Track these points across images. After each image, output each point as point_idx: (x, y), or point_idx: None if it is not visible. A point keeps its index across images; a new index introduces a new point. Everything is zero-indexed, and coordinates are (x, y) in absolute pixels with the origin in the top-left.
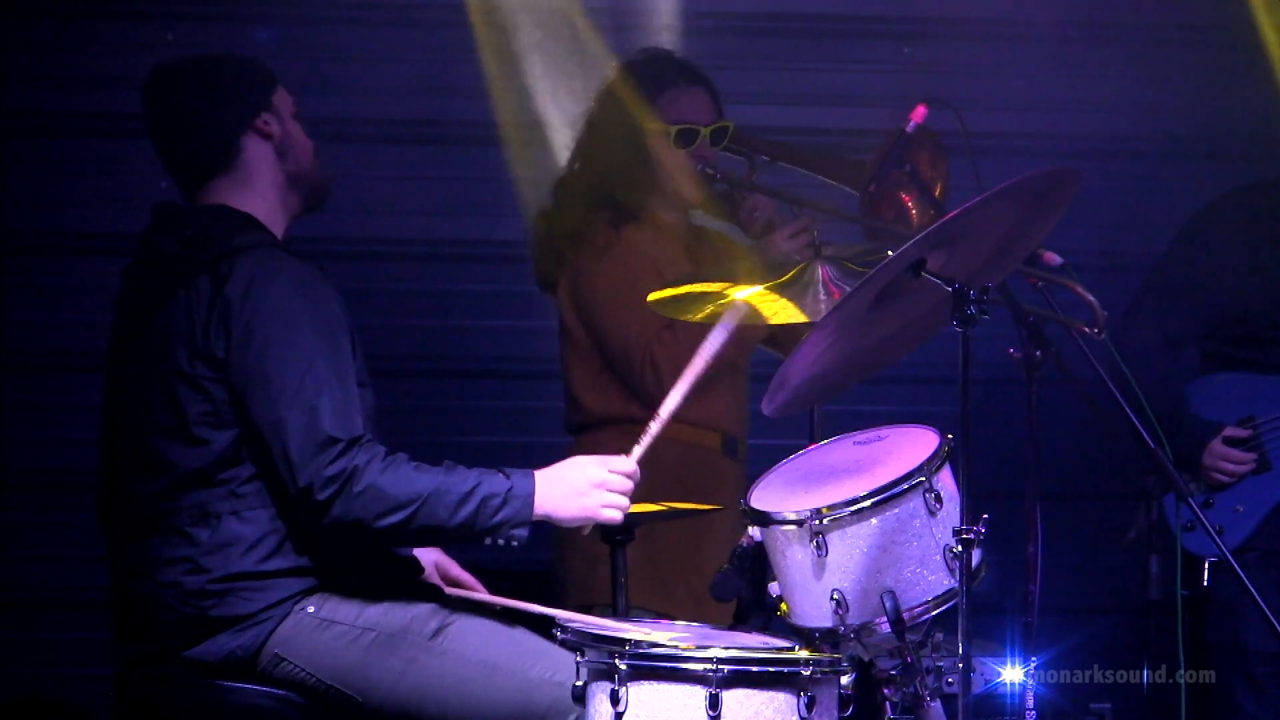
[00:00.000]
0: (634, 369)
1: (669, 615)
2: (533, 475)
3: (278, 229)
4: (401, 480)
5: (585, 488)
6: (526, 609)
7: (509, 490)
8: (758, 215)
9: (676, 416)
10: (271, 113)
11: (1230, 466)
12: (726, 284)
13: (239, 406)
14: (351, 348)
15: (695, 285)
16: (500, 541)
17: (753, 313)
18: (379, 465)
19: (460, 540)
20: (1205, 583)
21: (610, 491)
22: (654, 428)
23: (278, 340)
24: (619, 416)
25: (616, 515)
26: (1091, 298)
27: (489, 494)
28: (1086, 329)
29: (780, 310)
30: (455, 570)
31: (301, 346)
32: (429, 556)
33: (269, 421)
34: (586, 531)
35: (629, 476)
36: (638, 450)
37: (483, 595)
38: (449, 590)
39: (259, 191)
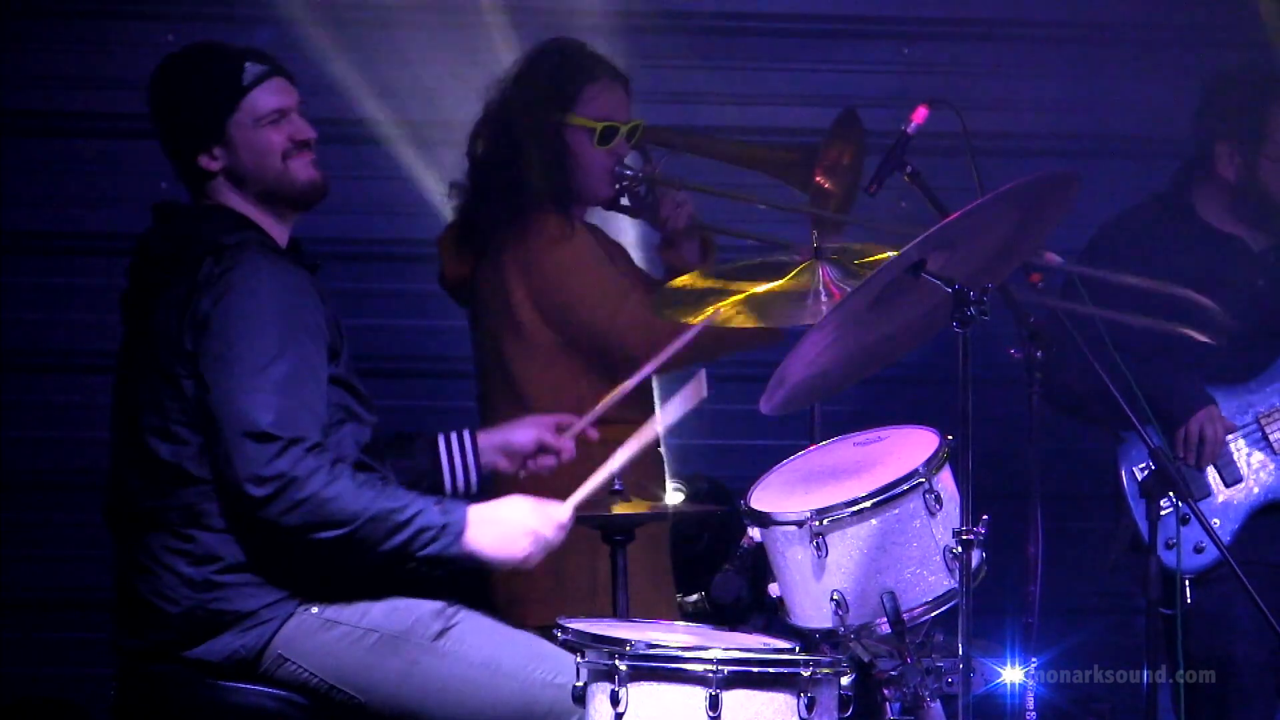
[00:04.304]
0: (624, 330)
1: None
2: (467, 511)
3: (274, 231)
4: (344, 496)
5: (517, 534)
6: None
7: (444, 526)
8: (681, 211)
9: (624, 417)
10: (222, 144)
11: (1218, 431)
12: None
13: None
14: (334, 354)
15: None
16: (424, 570)
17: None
18: (324, 477)
19: (388, 563)
20: (1189, 600)
21: (539, 540)
22: (596, 479)
23: (238, 330)
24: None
25: (534, 564)
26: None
27: (425, 526)
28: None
29: (779, 310)
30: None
31: (263, 340)
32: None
33: (214, 405)
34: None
35: (561, 527)
36: (575, 498)
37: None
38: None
39: (238, 206)
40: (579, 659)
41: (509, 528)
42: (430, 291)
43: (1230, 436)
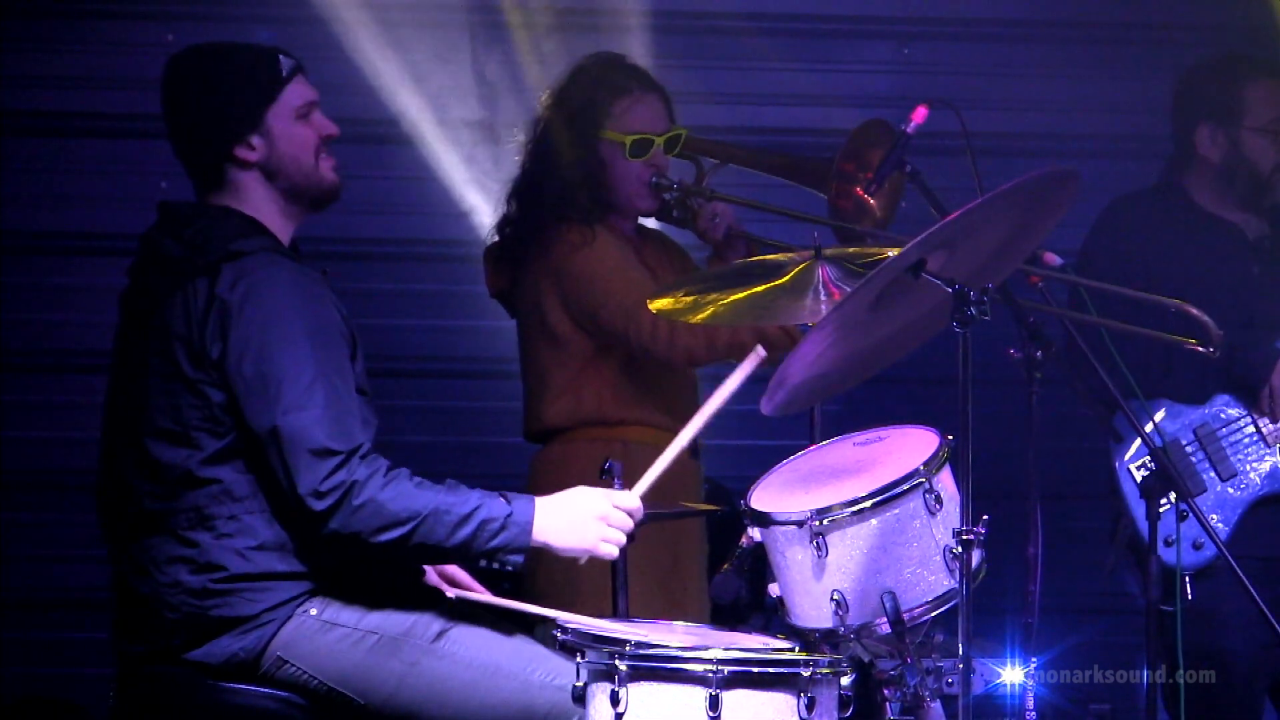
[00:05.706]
0: (644, 327)
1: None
2: (533, 502)
3: (282, 233)
4: (402, 497)
5: (586, 520)
6: (527, 610)
7: (508, 516)
8: (719, 222)
9: (647, 421)
10: (260, 133)
11: None
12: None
13: (236, 412)
14: (352, 355)
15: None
16: (495, 565)
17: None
18: (380, 480)
19: (456, 560)
20: (1190, 596)
21: (610, 527)
22: (661, 464)
23: (274, 347)
24: (588, 419)
25: (613, 551)
26: None
27: (488, 518)
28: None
29: (779, 310)
30: (453, 571)
31: (298, 354)
32: None
33: (264, 429)
34: (583, 562)
35: (631, 514)
36: (641, 486)
37: (484, 596)
38: (450, 591)
39: (254, 205)
40: (579, 659)
41: (576, 515)
42: (428, 291)
43: (1224, 430)
